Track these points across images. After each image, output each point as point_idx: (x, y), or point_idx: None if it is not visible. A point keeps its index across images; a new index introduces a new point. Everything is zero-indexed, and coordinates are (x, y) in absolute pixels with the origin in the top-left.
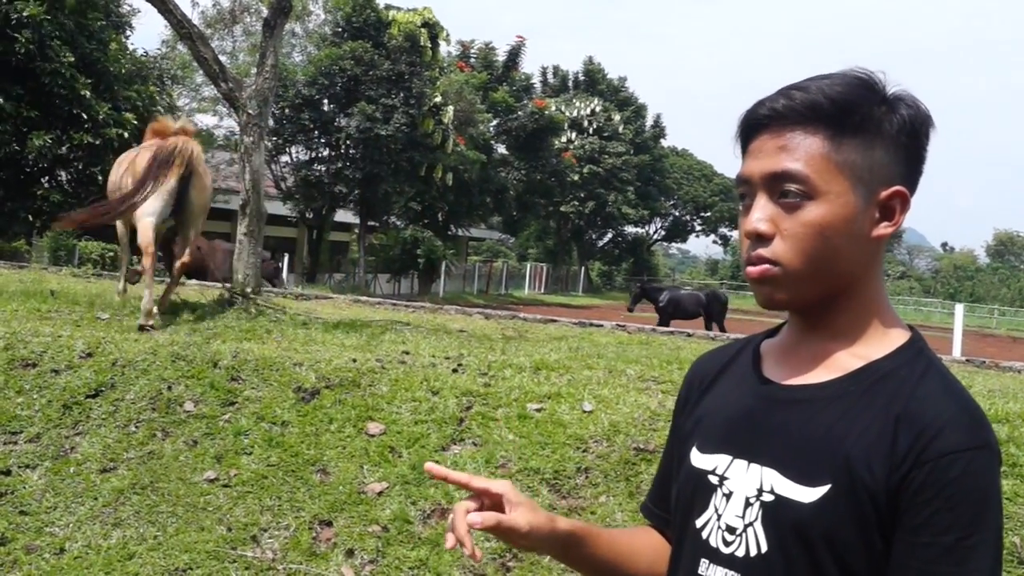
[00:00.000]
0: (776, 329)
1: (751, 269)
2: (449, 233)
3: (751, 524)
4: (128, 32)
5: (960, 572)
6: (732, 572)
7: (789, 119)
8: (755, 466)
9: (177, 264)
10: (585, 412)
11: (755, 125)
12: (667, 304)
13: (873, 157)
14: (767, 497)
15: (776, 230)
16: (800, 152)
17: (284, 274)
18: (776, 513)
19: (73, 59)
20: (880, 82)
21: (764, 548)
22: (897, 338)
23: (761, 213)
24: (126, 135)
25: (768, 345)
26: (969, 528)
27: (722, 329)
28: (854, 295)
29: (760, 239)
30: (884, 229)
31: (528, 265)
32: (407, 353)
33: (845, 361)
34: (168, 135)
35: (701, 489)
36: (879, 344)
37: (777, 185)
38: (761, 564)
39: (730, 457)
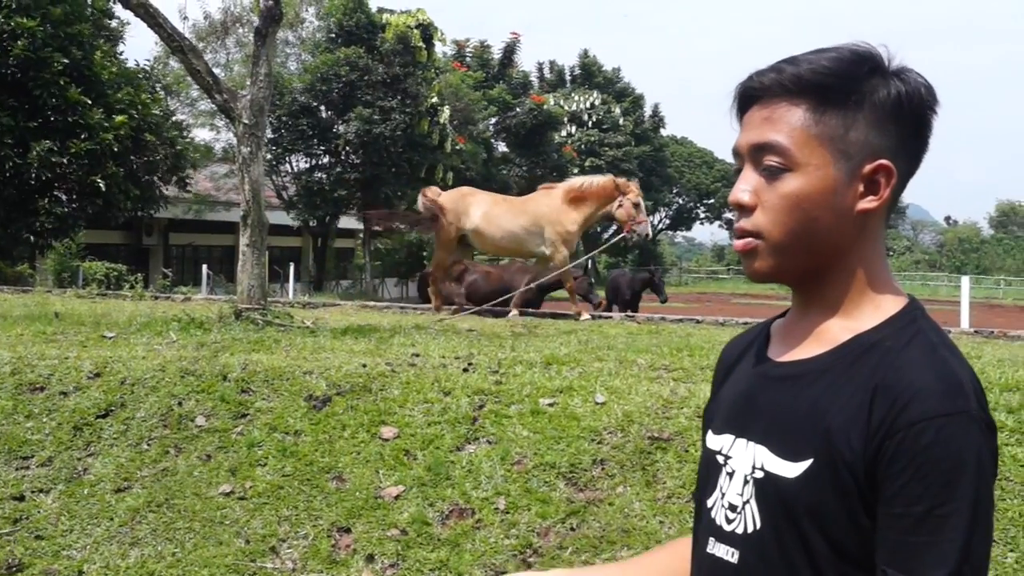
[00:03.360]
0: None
1: (736, 243)
2: None
3: (748, 502)
4: (121, 46)
5: (933, 542)
6: (732, 549)
7: (775, 91)
8: (751, 444)
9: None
10: (598, 404)
11: (748, 98)
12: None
13: (856, 130)
14: (758, 474)
15: (758, 201)
16: (782, 124)
17: (291, 283)
18: (765, 489)
19: (63, 67)
20: (875, 56)
21: (759, 524)
22: (890, 308)
23: (744, 184)
24: (123, 133)
25: (777, 325)
26: (941, 497)
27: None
28: (845, 268)
29: (743, 210)
30: (869, 203)
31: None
32: (417, 355)
33: (836, 334)
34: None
35: (711, 470)
36: (871, 316)
37: (760, 156)
38: (756, 540)
39: (733, 436)
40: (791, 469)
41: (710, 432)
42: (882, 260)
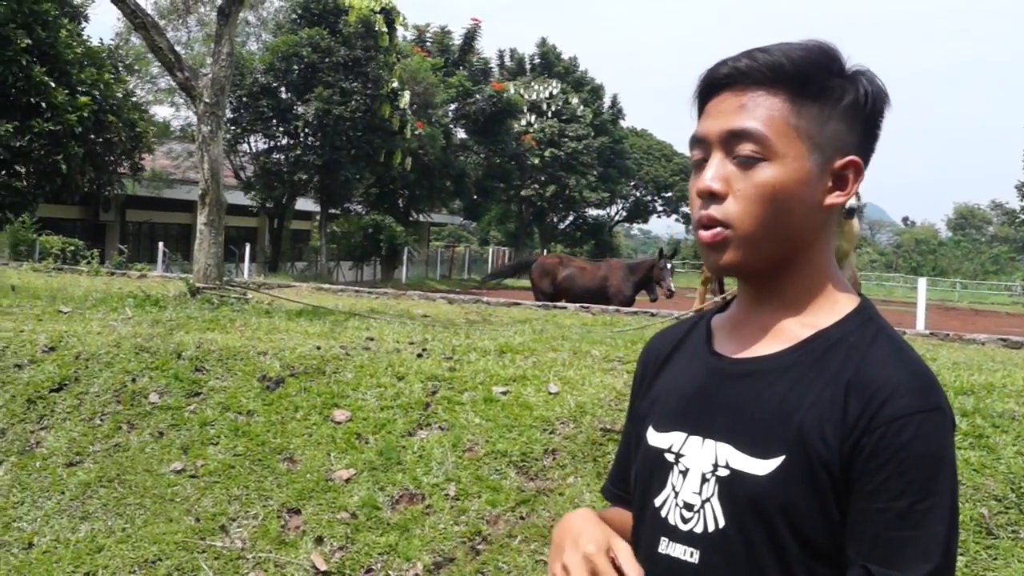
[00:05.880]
0: (727, 304)
1: (703, 233)
2: (410, 219)
3: (708, 500)
4: (83, 23)
5: (916, 536)
6: (691, 548)
7: (751, 79)
8: (710, 442)
9: None
10: (551, 394)
11: (715, 84)
12: None
13: (830, 125)
14: (722, 472)
15: (729, 190)
16: (760, 112)
17: (246, 263)
18: (732, 487)
19: (27, 44)
20: (840, 54)
21: (722, 523)
22: (846, 305)
23: (715, 171)
24: (86, 115)
25: (719, 320)
26: (923, 492)
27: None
28: (804, 263)
29: (712, 198)
30: (837, 198)
31: (490, 249)
32: (371, 339)
33: (795, 331)
34: None
35: (658, 467)
36: (828, 312)
37: (734, 144)
38: (720, 539)
39: (685, 434)
40: (761, 467)
41: (651, 429)
42: (833, 257)
